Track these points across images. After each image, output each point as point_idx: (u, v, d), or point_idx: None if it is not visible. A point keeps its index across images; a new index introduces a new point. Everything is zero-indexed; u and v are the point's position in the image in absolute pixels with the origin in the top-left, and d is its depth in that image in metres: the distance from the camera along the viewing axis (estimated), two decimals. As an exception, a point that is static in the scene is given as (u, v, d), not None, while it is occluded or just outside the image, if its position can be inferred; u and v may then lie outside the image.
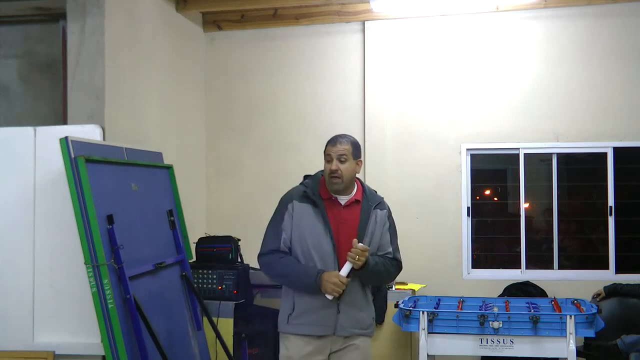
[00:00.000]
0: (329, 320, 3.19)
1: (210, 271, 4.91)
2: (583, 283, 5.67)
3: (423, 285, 5.59)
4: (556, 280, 5.81)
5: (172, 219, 4.54)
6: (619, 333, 4.93)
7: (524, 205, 5.99)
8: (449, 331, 4.35)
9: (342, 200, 3.28)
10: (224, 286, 4.86)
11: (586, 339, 4.94)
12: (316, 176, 3.36)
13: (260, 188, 6.23)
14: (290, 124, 6.35)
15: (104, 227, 3.66)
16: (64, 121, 4.59)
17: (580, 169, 6.20)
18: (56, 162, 3.77)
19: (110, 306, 3.58)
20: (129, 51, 4.83)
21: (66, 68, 4.49)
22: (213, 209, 6.42)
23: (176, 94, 5.78)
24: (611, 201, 5.86)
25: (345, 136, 3.29)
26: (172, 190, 4.72)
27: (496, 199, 6.45)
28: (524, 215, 5.98)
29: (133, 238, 3.94)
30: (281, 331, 3.31)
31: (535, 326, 4.23)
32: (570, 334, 4.18)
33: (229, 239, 5.07)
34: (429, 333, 4.34)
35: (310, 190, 3.27)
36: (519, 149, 5.97)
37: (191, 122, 6.19)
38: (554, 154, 5.97)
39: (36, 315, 3.99)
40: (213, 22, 6.38)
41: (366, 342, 3.32)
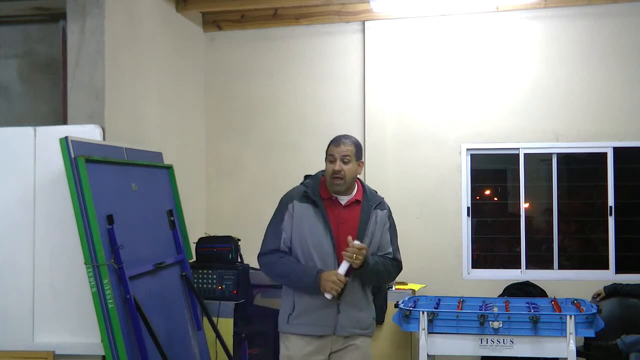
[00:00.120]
0: (329, 320, 3.19)
1: (210, 271, 4.91)
2: (583, 283, 5.67)
3: (423, 285, 5.59)
4: (556, 280, 5.81)
5: (172, 219, 4.54)
6: (619, 333, 4.93)
7: (524, 205, 5.99)
8: (449, 331, 4.35)
9: (343, 200, 3.28)
10: (224, 286, 4.86)
11: (586, 339, 4.94)
12: (317, 176, 3.36)
13: (260, 188, 6.23)
14: (290, 124, 6.35)
15: (104, 227, 3.66)
16: (64, 121, 4.59)
17: (580, 169, 6.20)
18: (56, 162, 3.77)
19: (110, 306, 3.58)
20: (129, 51, 4.83)
21: (66, 68, 4.49)
22: (213, 209, 6.41)
23: (176, 94, 5.78)
24: (611, 201, 5.86)
25: (348, 137, 3.29)
26: (172, 190, 4.72)
27: (496, 199, 6.45)
28: (524, 215, 5.98)
29: (133, 238, 3.94)
30: (281, 331, 3.31)
31: (535, 326, 4.23)
32: (570, 334, 4.18)
33: (229, 239, 5.07)
34: (429, 333, 4.34)
35: (310, 190, 3.27)
36: (519, 149, 5.97)
37: (191, 122, 6.19)
38: (554, 154, 5.97)
39: (36, 315, 3.98)
40: (213, 22, 6.38)
41: (366, 342, 3.32)
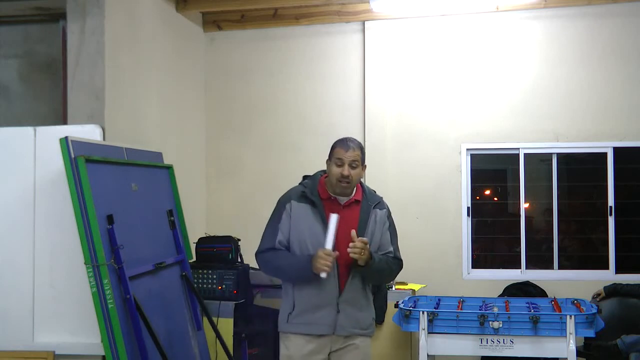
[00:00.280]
0: (328, 319, 3.19)
1: (210, 271, 4.91)
2: (583, 283, 5.67)
3: (423, 285, 5.59)
4: (556, 280, 5.80)
5: (172, 219, 4.54)
6: (619, 333, 4.93)
7: (524, 205, 5.99)
8: (449, 331, 4.35)
9: (342, 200, 3.27)
10: (224, 286, 4.86)
11: (586, 339, 4.94)
12: (315, 176, 3.35)
13: (260, 188, 6.23)
14: (290, 124, 6.34)
15: (104, 227, 3.66)
16: (64, 121, 4.59)
17: (580, 169, 6.20)
18: (56, 162, 3.77)
19: (110, 306, 3.58)
20: (129, 51, 4.83)
21: (66, 68, 4.49)
22: (213, 209, 6.41)
23: (176, 94, 5.78)
24: (611, 201, 5.85)
25: (354, 140, 3.28)
26: (172, 190, 4.72)
27: (496, 199, 6.45)
28: (524, 215, 5.98)
29: (133, 238, 3.94)
30: (281, 330, 3.31)
31: (535, 326, 4.23)
32: (570, 334, 4.18)
33: (229, 239, 5.07)
34: (429, 333, 4.34)
35: (308, 190, 3.26)
36: (519, 149, 5.97)
37: (191, 122, 6.19)
38: (554, 154, 5.97)
39: (36, 315, 3.98)
40: (213, 22, 6.38)
41: (366, 342, 3.32)
